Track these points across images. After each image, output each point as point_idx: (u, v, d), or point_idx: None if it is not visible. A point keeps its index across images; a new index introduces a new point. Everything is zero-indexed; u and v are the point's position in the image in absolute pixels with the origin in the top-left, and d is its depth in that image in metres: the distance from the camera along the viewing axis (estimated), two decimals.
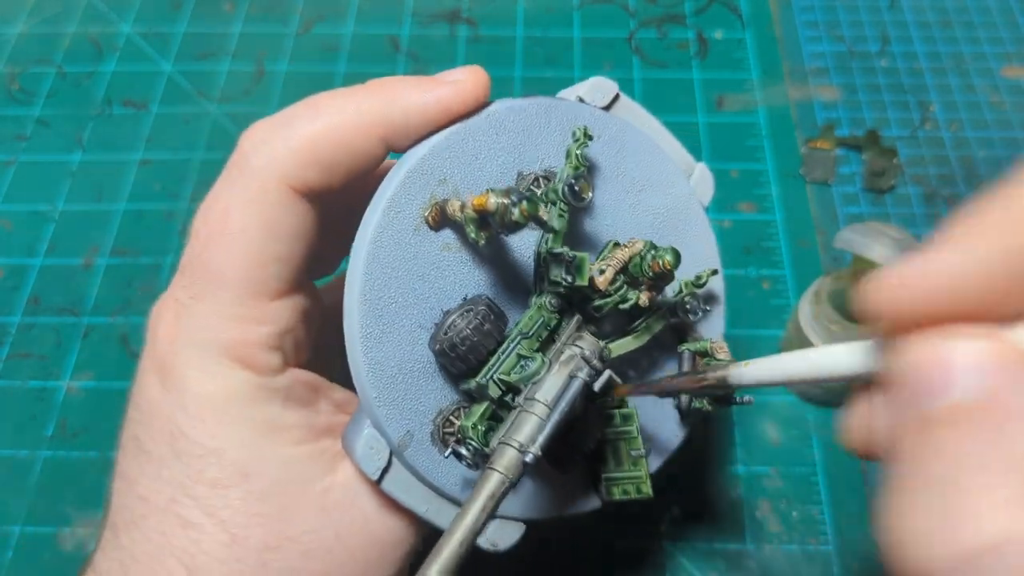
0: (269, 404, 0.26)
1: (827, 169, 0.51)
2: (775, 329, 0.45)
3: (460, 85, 0.26)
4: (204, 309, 0.25)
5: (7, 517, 0.40)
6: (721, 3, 0.61)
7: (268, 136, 0.26)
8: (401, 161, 0.26)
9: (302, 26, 0.60)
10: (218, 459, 0.25)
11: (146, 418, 0.26)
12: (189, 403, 0.25)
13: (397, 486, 0.26)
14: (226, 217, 0.25)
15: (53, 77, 0.57)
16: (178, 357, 0.25)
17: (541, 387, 0.24)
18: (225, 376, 0.25)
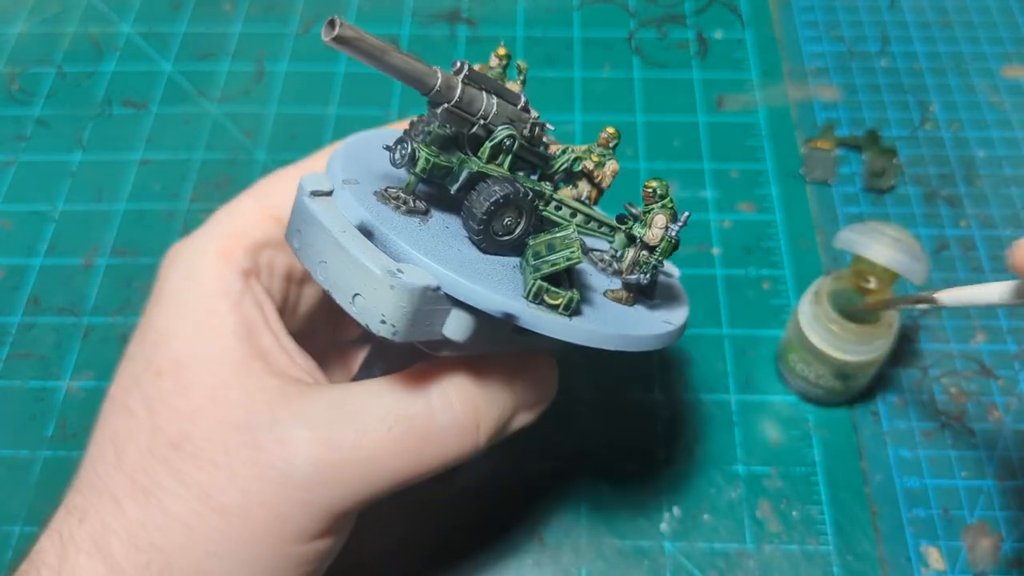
0: (221, 299, 0.28)
1: (827, 169, 0.51)
2: (775, 329, 0.45)
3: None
4: (215, 218, 0.30)
5: (7, 517, 0.40)
6: (721, 3, 0.61)
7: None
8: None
9: (302, 26, 0.60)
10: (166, 347, 0.27)
11: (135, 330, 0.29)
12: (164, 291, 0.28)
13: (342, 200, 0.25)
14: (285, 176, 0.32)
15: (53, 77, 0.57)
16: (173, 257, 0.29)
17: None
18: (199, 266, 0.29)
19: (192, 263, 0.29)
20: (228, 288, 0.28)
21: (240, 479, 0.25)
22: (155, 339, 0.27)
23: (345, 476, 0.26)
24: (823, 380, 0.40)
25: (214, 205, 0.50)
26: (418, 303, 0.23)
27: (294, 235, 0.26)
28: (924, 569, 0.38)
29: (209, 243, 0.29)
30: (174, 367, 0.27)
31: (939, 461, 0.41)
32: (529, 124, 0.29)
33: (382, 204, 0.26)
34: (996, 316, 0.46)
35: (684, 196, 0.51)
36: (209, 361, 0.27)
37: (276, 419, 0.26)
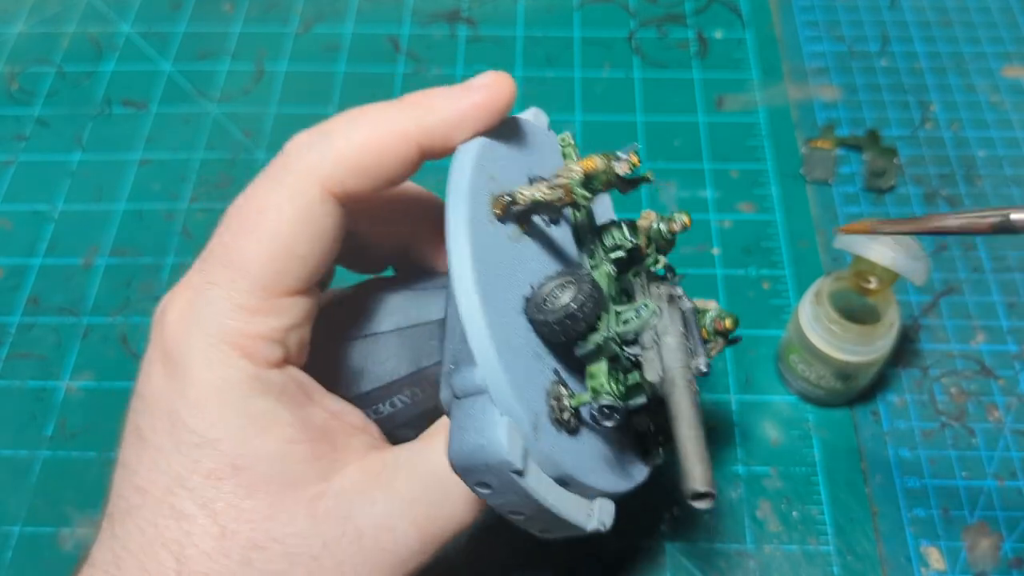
0: (264, 397, 0.26)
1: (827, 169, 0.51)
2: (775, 329, 0.45)
3: (490, 90, 0.27)
4: (218, 295, 0.26)
5: (7, 517, 0.40)
6: (721, 3, 0.61)
7: (312, 141, 0.27)
8: (459, 160, 0.26)
9: (302, 26, 0.60)
10: (213, 450, 0.25)
11: (148, 406, 0.26)
12: (190, 390, 0.25)
13: (536, 480, 0.24)
14: (261, 211, 0.26)
15: (53, 77, 0.57)
16: (184, 343, 0.25)
17: (662, 323, 0.26)
18: (226, 364, 0.25)
19: (217, 361, 0.25)
20: (264, 385, 0.26)
21: (346, 567, 0.25)
22: (197, 442, 0.25)
23: (439, 544, 0.27)
24: (824, 381, 0.40)
25: (214, 205, 0.51)
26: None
27: (478, 484, 0.24)
28: (924, 569, 0.38)
29: (227, 338, 0.26)
30: (231, 470, 0.25)
31: (939, 461, 0.41)
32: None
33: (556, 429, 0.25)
34: (996, 316, 0.46)
35: (684, 196, 0.51)
36: (272, 460, 0.25)
37: (373, 501, 0.26)
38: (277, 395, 0.26)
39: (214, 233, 0.27)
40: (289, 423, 0.26)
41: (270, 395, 0.26)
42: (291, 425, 0.26)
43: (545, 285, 0.26)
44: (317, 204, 0.26)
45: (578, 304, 0.25)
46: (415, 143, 0.26)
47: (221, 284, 0.26)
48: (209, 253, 0.27)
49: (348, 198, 0.27)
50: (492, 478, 0.23)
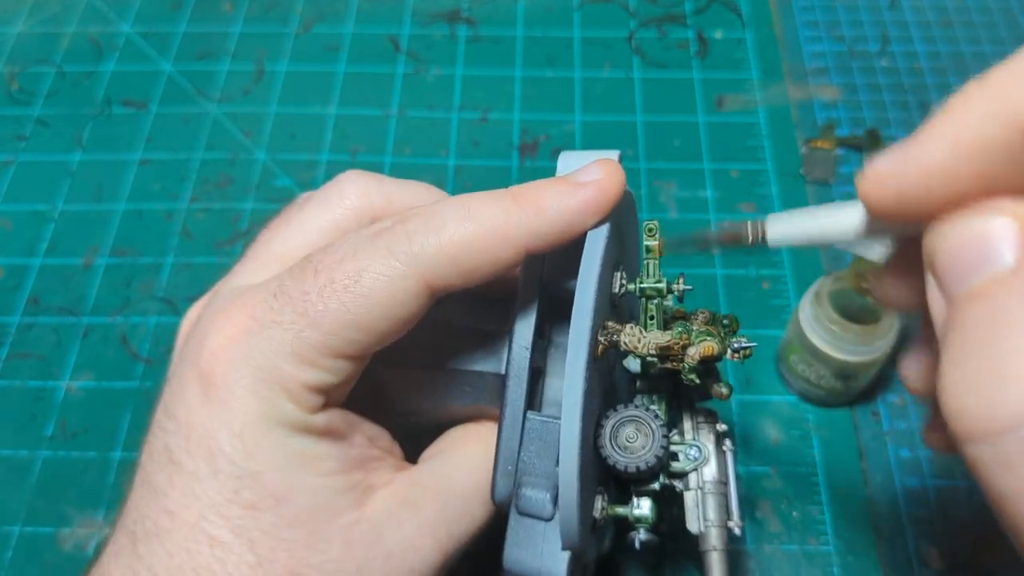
0: (307, 436, 0.26)
1: (827, 169, 0.51)
2: (775, 329, 0.45)
3: (601, 186, 0.26)
4: (282, 337, 0.25)
5: (7, 517, 0.40)
6: (721, 3, 0.61)
7: (420, 228, 0.26)
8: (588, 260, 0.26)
9: (302, 26, 0.60)
10: (255, 481, 0.25)
11: (183, 430, 0.26)
12: (234, 422, 0.25)
13: None
14: (359, 277, 0.25)
15: (53, 77, 0.57)
16: (231, 373, 0.25)
17: (707, 467, 0.28)
18: (272, 402, 0.25)
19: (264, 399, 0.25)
20: (310, 426, 0.26)
21: None
22: (237, 473, 0.25)
23: (459, 552, 0.28)
24: (824, 381, 0.40)
25: (214, 205, 0.51)
26: None
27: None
28: (924, 569, 0.38)
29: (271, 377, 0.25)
30: (272, 502, 0.25)
31: (939, 461, 0.41)
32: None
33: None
34: None
35: (684, 196, 0.51)
36: (313, 493, 0.25)
37: (401, 523, 0.27)
38: (319, 434, 0.26)
39: (296, 267, 0.27)
40: (329, 457, 0.26)
41: (313, 434, 0.26)
42: (331, 459, 0.26)
43: (612, 419, 0.27)
44: (412, 294, 0.25)
45: (658, 456, 0.27)
46: (521, 246, 0.26)
47: (288, 328, 0.25)
48: (283, 290, 0.26)
49: (442, 290, 0.26)
50: None
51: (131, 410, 0.43)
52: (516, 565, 0.26)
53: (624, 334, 0.26)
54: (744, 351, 0.27)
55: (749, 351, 0.27)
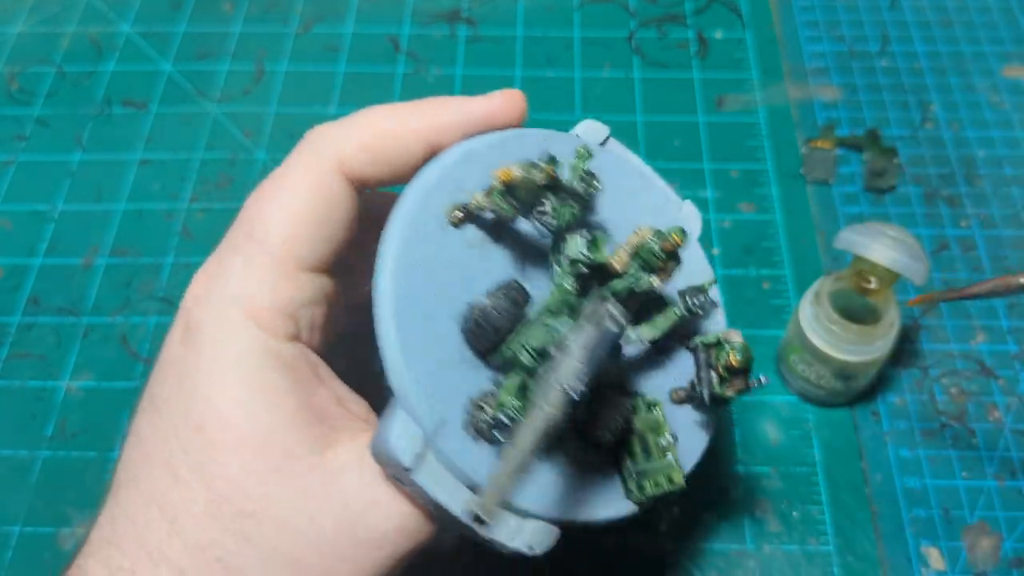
0: (273, 369, 0.26)
1: (827, 169, 0.51)
2: (775, 329, 0.45)
3: (500, 100, 0.30)
4: (237, 263, 0.27)
5: (7, 517, 0.40)
6: (721, 3, 0.61)
7: (332, 129, 0.30)
8: (425, 168, 0.28)
9: (302, 26, 0.60)
10: (218, 418, 0.25)
11: (163, 373, 0.27)
12: (203, 357, 0.26)
13: (430, 478, 0.24)
14: (281, 185, 0.28)
15: (53, 77, 0.57)
16: (203, 311, 0.27)
17: (575, 341, 0.24)
18: (239, 331, 0.26)
19: (229, 328, 0.26)
20: (272, 354, 0.26)
21: (331, 540, 0.25)
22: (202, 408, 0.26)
23: (425, 533, 0.26)
24: (824, 381, 0.40)
25: (214, 205, 0.51)
26: None
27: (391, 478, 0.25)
28: (924, 569, 0.38)
29: (242, 306, 0.27)
30: (233, 441, 0.25)
31: (939, 461, 0.41)
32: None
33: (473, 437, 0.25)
34: (996, 316, 0.46)
35: (684, 196, 0.51)
36: (273, 431, 0.26)
37: (361, 475, 0.26)
38: (285, 368, 0.26)
39: (242, 207, 0.29)
40: (293, 397, 0.26)
41: (278, 368, 0.26)
42: (294, 399, 0.26)
43: (486, 295, 0.26)
44: (334, 183, 0.28)
45: (482, 314, 0.25)
46: (425, 139, 0.28)
47: (241, 252, 0.27)
48: (235, 225, 0.28)
49: (361, 183, 0.29)
50: (393, 471, 0.24)
51: (131, 410, 0.43)
52: (372, 446, 0.25)
53: (474, 199, 0.27)
54: (546, 171, 0.26)
55: (551, 169, 0.26)
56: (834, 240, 0.38)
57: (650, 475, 0.28)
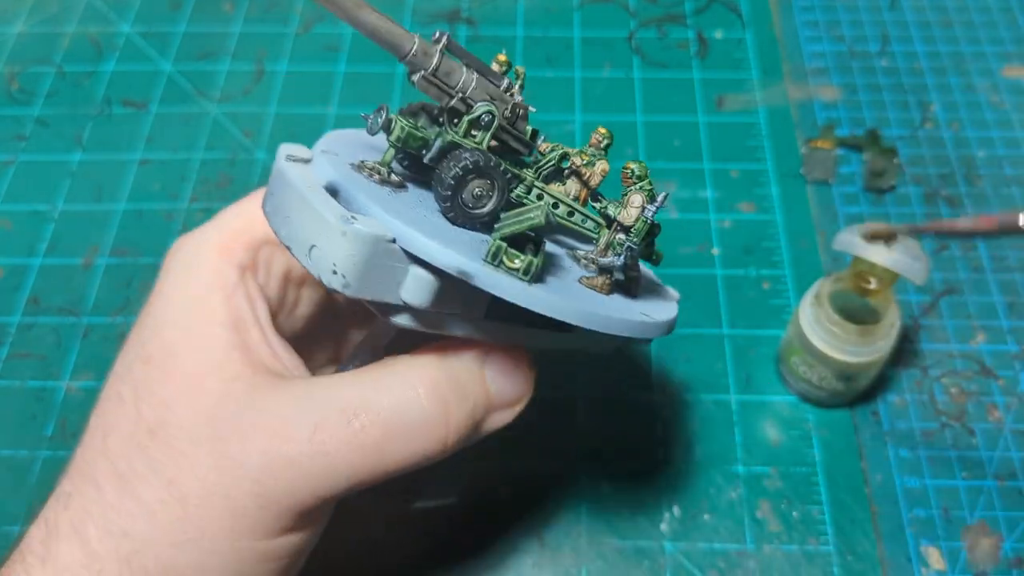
0: (215, 292, 0.28)
1: (827, 169, 0.51)
2: (775, 329, 0.45)
3: None
4: (222, 213, 0.31)
5: (7, 517, 0.40)
6: (721, 3, 0.61)
7: None
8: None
9: (302, 26, 0.60)
10: (157, 336, 0.27)
11: (141, 315, 0.29)
12: (166, 280, 0.29)
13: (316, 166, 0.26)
14: None
15: (53, 77, 0.57)
16: (175, 254, 0.30)
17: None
18: (198, 257, 0.29)
19: (192, 255, 0.29)
20: (223, 281, 0.29)
21: (201, 468, 0.25)
22: (150, 325, 0.28)
23: (299, 471, 0.25)
24: (826, 382, 0.40)
25: (214, 205, 0.51)
26: (370, 252, 0.23)
27: (268, 200, 0.26)
28: (924, 569, 0.38)
29: (212, 236, 0.30)
30: (162, 354, 0.27)
31: (939, 461, 0.41)
32: (511, 105, 0.28)
33: (357, 173, 0.26)
34: (996, 316, 0.46)
35: (684, 196, 0.51)
36: (194, 350, 0.27)
37: (240, 410, 0.26)
38: (226, 295, 0.28)
39: None
40: (221, 323, 0.28)
41: (220, 292, 0.28)
42: (222, 325, 0.28)
43: None
44: None
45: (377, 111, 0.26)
46: None
47: (231, 208, 0.31)
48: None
49: None
50: (272, 181, 0.26)
51: None
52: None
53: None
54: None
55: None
56: (833, 242, 0.38)
57: (509, 223, 0.26)
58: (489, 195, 0.26)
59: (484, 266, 0.24)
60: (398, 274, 0.24)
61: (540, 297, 0.25)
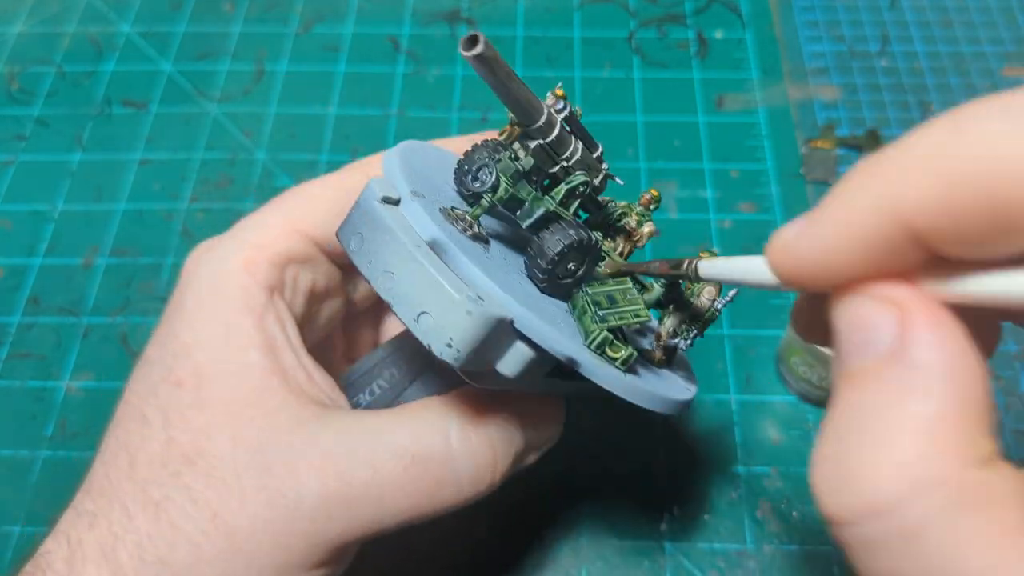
0: (246, 314, 0.28)
1: (827, 169, 0.51)
2: (775, 329, 0.45)
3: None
4: (255, 217, 0.30)
5: (7, 517, 0.40)
6: (721, 3, 0.61)
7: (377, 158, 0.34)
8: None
9: (302, 26, 0.60)
10: (187, 357, 0.27)
11: (155, 333, 0.29)
12: (186, 300, 0.28)
13: (412, 213, 0.25)
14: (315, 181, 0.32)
15: (53, 77, 0.57)
16: (195, 265, 0.29)
17: None
18: (224, 277, 0.28)
19: (218, 273, 0.28)
20: (252, 303, 0.28)
21: (249, 503, 0.25)
22: (176, 349, 0.27)
23: (354, 512, 0.26)
24: (826, 382, 0.40)
25: (214, 205, 0.51)
26: (490, 332, 0.23)
27: (353, 237, 0.25)
28: None
29: (235, 253, 0.29)
30: (195, 380, 0.26)
31: None
32: (602, 175, 0.29)
33: (448, 223, 0.26)
34: None
35: (684, 196, 0.51)
36: (229, 376, 0.26)
37: (290, 444, 0.26)
38: (257, 318, 0.28)
39: None
40: (255, 347, 0.27)
41: (251, 315, 0.28)
42: (257, 350, 0.27)
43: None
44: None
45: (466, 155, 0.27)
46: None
47: (260, 212, 0.31)
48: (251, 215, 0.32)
49: None
50: (359, 217, 0.25)
51: None
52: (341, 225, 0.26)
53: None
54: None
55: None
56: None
57: (616, 313, 0.27)
58: (579, 267, 0.28)
59: (591, 355, 0.25)
60: (504, 349, 0.24)
61: (632, 385, 0.26)
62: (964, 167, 0.14)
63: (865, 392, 0.16)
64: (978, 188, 0.14)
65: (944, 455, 0.15)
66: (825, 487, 0.16)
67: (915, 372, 0.15)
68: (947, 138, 0.15)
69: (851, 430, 0.16)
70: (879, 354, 0.16)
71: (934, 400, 0.15)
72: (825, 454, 0.16)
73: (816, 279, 0.18)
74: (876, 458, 0.15)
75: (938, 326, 0.16)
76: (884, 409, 0.16)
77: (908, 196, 0.15)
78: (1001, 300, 0.15)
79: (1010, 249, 0.15)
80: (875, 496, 0.15)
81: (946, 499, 0.14)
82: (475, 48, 0.22)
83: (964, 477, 0.15)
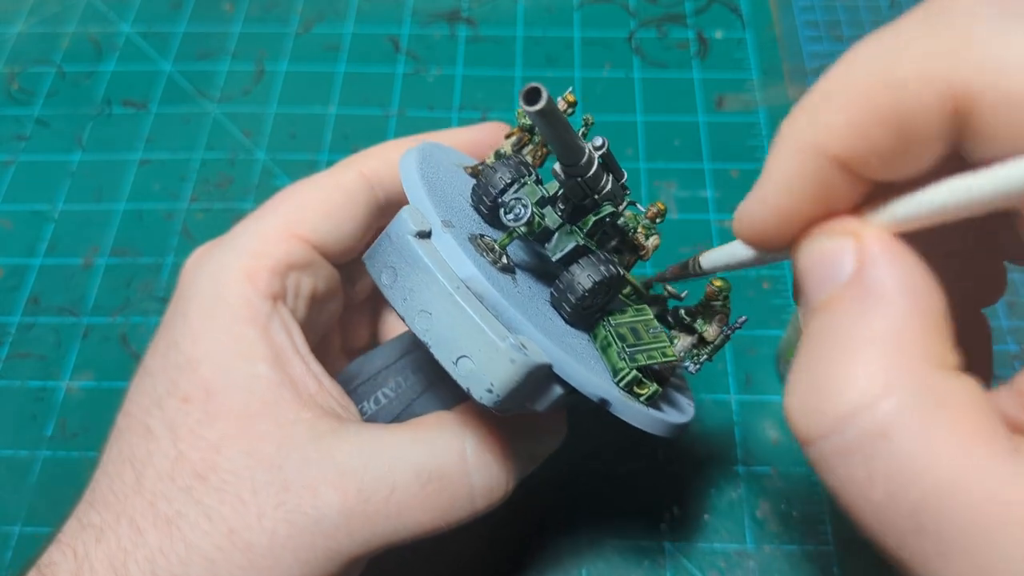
0: (251, 325, 0.27)
1: None
2: (775, 329, 0.45)
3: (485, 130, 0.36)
4: (251, 223, 0.30)
5: (7, 517, 0.40)
6: (721, 3, 0.61)
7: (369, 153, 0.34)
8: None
9: (302, 26, 0.60)
10: (193, 371, 0.26)
11: (155, 342, 0.28)
12: (189, 311, 0.28)
13: (445, 247, 0.24)
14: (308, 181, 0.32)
15: (53, 77, 0.57)
16: (195, 273, 0.29)
17: None
18: (226, 284, 0.28)
19: (219, 284, 0.28)
20: (256, 313, 0.28)
21: (267, 519, 0.25)
22: (180, 362, 0.27)
23: (372, 528, 0.26)
24: None
25: (214, 205, 0.51)
26: (530, 378, 0.23)
27: (385, 271, 0.25)
28: None
29: (235, 261, 0.29)
30: (202, 394, 0.26)
31: None
32: (625, 204, 0.29)
33: (479, 254, 0.25)
34: (996, 316, 0.46)
35: (684, 196, 0.51)
36: (239, 390, 0.26)
37: (307, 459, 0.26)
38: (262, 328, 0.27)
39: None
40: (263, 359, 0.27)
41: (256, 325, 0.27)
42: (265, 362, 0.27)
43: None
44: (356, 184, 0.31)
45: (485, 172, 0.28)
46: None
47: (255, 218, 0.30)
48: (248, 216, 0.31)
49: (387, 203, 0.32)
50: (391, 250, 0.24)
51: None
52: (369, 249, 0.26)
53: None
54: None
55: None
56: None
57: (643, 350, 0.28)
58: (605, 299, 0.28)
59: (620, 393, 0.26)
60: (540, 391, 0.25)
61: (658, 420, 0.27)
62: (860, 92, 0.16)
63: (831, 317, 0.17)
64: (875, 107, 0.16)
65: (911, 360, 0.16)
66: (798, 409, 0.17)
67: (875, 289, 0.16)
68: (842, 71, 0.17)
69: (820, 354, 0.17)
70: (840, 282, 0.17)
71: (896, 312, 0.16)
72: (796, 380, 0.18)
73: (774, 234, 0.19)
74: (845, 372, 0.16)
75: (891, 245, 0.17)
76: (849, 327, 0.17)
77: (821, 129, 0.17)
78: (938, 213, 0.16)
79: (922, 160, 0.17)
80: (846, 404, 0.16)
81: (914, 398, 0.15)
82: (537, 104, 0.21)
83: (931, 379, 0.15)
